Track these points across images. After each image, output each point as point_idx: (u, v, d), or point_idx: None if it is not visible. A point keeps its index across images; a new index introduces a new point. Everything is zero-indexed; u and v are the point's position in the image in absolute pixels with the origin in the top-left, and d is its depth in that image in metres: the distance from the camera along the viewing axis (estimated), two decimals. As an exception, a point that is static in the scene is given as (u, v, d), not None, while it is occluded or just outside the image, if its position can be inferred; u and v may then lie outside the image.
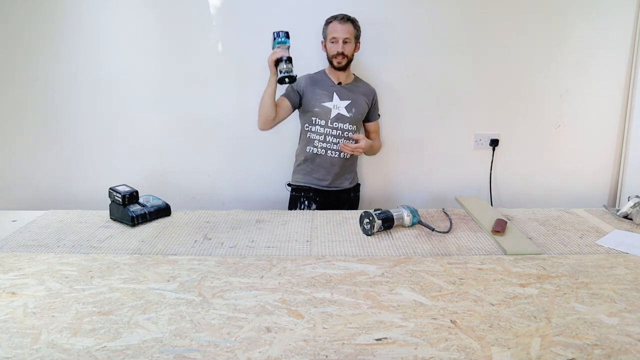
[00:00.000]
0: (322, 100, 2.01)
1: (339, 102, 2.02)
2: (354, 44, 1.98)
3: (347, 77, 2.06)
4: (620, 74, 2.30)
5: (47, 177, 2.42)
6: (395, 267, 1.25)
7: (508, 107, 2.35)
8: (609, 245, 1.40)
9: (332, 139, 2.03)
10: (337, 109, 2.01)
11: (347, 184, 2.13)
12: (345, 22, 1.94)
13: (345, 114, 2.02)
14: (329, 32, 1.96)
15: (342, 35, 1.93)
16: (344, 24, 1.94)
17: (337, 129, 2.02)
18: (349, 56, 1.97)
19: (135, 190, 1.63)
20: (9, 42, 2.23)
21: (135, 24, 2.22)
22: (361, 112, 2.07)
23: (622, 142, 2.38)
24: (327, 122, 2.02)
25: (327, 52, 2.00)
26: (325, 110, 2.01)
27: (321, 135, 2.03)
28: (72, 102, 2.32)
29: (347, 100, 2.03)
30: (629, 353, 0.90)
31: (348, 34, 1.94)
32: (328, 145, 2.03)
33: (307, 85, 2.02)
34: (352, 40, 1.96)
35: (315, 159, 2.05)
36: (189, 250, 1.38)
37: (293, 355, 0.89)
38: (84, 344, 0.93)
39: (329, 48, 1.98)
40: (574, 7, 2.20)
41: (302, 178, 2.09)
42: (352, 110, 2.03)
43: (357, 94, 2.06)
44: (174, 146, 2.38)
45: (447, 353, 0.90)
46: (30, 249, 1.39)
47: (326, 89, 2.03)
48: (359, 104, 2.05)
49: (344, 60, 1.96)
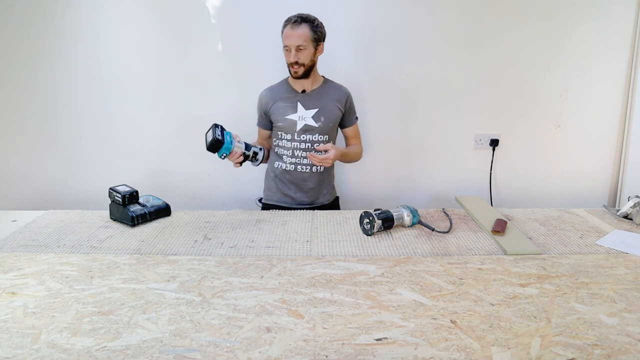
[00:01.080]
0: (286, 113, 1.83)
1: (304, 112, 1.83)
2: (312, 48, 1.75)
3: (313, 82, 1.86)
4: (620, 74, 2.30)
5: (47, 177, 2.42)
6: (395, 267, 1.25)
7: (508, 107, 2.35)
8: (609, 245, 1.40)
9: (300, 152, 1.85)
10: (303, 120, 1.82)
11: (325, 199, 1.96)
12: (298, 25, 1.71)
13: (313, 124, 1.82)
14: (283, 39, 1.75)
15: (294, 42, 1.71)
16: (297, 28, 1.71)
17: (306, 142, 1.84)
18: (306, 64, 1.76)
19: (135, 190, 1.63)
20: (9, 42, 2.23)
21: (135, 24, 2.22)
22: (332, 119, 1.86)
23: (622, 142, 2.38)
24: (294, 136, 1.84)
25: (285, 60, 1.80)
26: (290, 124, 1.83)
27: (289, 150, 1.86)
28: (72, 102, 2.32)
29: (314, 108, 1.83)
30: (629, 353, 0.90)
31: (302, 40, 1.71)
32: (297, 160, 1.86)
33: (269, 101, 1.86)
34: (308, 46, 1.74)
35: (285, 176, 1.89)
36: (189, 250, 1.38)
37: (293, 355, 0.89)
38: (84, 344, 0.93)
39: (285, 55, 1.78)
40: (574, 7, 2.20)
41: (274, 195, 1.94)
42: (321, 119, 1.83)
43: (326, 100, 1.86)
44: (174, 146, 2.38)
45: (447, 353, 0.90)
46: (30, 249, 1.39)
47: (289, 100, 1.84)
48: (329, 110, 1.85)
49: (301, 69, 1.76)
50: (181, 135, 2.36)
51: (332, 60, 2.26)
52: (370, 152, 2.41)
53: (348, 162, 2.02)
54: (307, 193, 1.90)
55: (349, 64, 2.27)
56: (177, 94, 2.31)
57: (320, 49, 1.81)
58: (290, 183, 1.90)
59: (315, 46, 1.77)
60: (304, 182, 1.89)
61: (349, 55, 2.26)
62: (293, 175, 1.88)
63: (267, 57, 2.23)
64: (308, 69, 1.78)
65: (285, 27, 1.75)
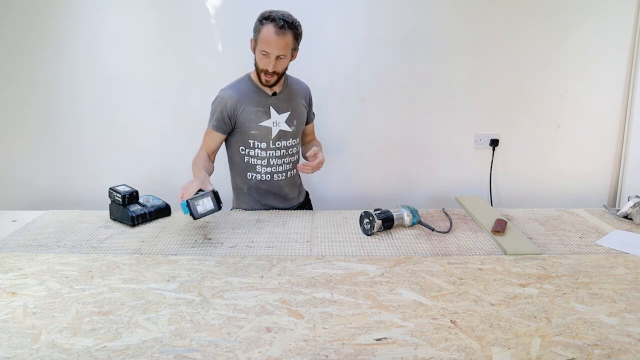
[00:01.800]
0: (259, 120, 1.65)
1: (277, 117, 1.67)
2: (289, 57, 1.60)
3: (281, 82, 1.69)
4: (620, 74, 2.30)
5: (47, 177, 2.42)
6: (395, 267, 1.25)
7: (508, 107, 2.35)
8: (609, 245, 1.40)
9: (276, 160, 1.72)
10: (277, 125, 1.67)
11: (300, 199, 1.89)
12: (284, 32, 1.51)
13: (287, 129, 1.69)
14: (261, 40, 1.53)
15: (277, 51, 1.53)
16: (282, 36, 1.51)
17: (281, 149, 1.71)
18: (280, 73, 1.60)
19: (135, 190, 1.62)
20: (9, 41, 2.23)
21: (136, 24, 2.22)
22: (302, 121, 1.75)
23: (622, 142, 2.38)
24: (269, 144, 1.69)
25: (256, 60, 1.60)
26: (265, 131, 1.67)
27: (264, 160, 1.71)
28: (72, 102, 2.32)
29: (286, 111, 1.68)
30: (629, 353, 0.89)
31: (284, 50, 1.54)
32: (273, 169, 1.73)
33: (237, 104, 1.64)
34: (288, 55, 1.57)
35: (261, 187, 1.75)
36: (189, 250, 1.38)
37: (293, 355, 0.89)
38: (84, 344, 0.93)
39: (259, 59, 1.58)
40: (574, 7, 2.21)
41: (253, 205, 1.79)
42: (294, 122, 1.71)
43: (295, 101, 1.72)
44: (174, 146, 2.38)
45: (447, 353, 0.90)
46: (30, 249, 1.39)
47: (261, 104, 1.66)
48: (299, 112, 1.72)
49: (274, 78, 1.60)
50: (181, 135, 2.36)
51: (332, 60, 2.27)
52: (370, 152, 2.42)
53: None
54: (285, 199, 1.80)
55: (349, 64, 2.27)
56: (177, 94, 2.31)
57: (295, 56, 1.64)
58: (267, 192, 1.77)
59: (292, 54, 1.61)
60: (281, 189, 1.78)
61: (349, 55, 2.26)
62: (269, 185, 1.75)
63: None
64: (280, 77, 1.63)
65: (265, 27, 1.52)
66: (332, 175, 2.42)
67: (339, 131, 2.36)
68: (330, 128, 2.31)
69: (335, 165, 2.39)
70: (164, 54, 2.26)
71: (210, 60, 2.27)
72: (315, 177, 2.27)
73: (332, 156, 2.38)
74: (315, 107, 1.90)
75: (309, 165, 1.63)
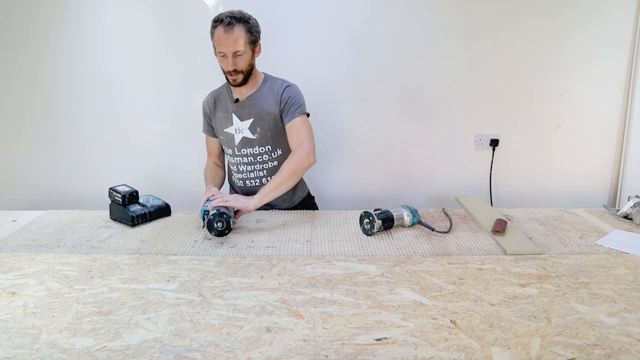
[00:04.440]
0: (224, 125, 1.69)
1: (239, 124, 1.66)
2: (249, 52, 1.56)
3: (250, 87, 1.65)
4: (620, 74, 2.30)
5: (47, 177, 2.42)
6: (395, 267, 1.25)
7: (508, 107, 2.35)
8: (609, 245, 1.40)
9: (245, 167, 1.73)
10: (240, 132, 1.66)
11: (288, 204, 1.81)
12: (232, 27, 1.49)
13: (250, 136, 1.66)
14: (215, 43, 1.54)
15: (231, 48, 1.51)
16: (231, 32, 1.49)
17: (247, 156, 1.70)
18: (244, 70, 1.57)
19: (135, 190, 1.63)
20: (9, 41, 2.23)
21: (136, 24, 2.22)
22: (268, 128, 1.66)
23: (622, 142, 2.38)
24: (234, 150, 1.71)
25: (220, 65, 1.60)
26: (229, 137, 1.69)
27: (234, 165, 1.76)
28: (72, 102, 2.32)
29: (249, 118, 1.65)
30: (629, 353, 0.90)
31: (238, 46, 1.51)
32: (243, 175, 1.75)
33: (211, 109, 1.70)
34: (246, 50, 1.54)
35: (240, 192, 1.80)
36: (189, 250, 1.38)
37: (293, 355, 0.89)
38: (84, 344, 0.93)
39: (220, 62, 1.58)
40: (574, 7, 2.20)
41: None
42: (257, 130, 1.65)
43: (261, 106, 1.65)
44: (174, 146, 2.38)
45: (447, 353, 0.90)
46: (30, 249, 1.39)
47: (226, 110, 1.68)
48: (263, 119, 1.65)
49: (240, 76, 1.57)
50: (181, 135, 2.36)
51: (332, 60, 2.27)
52: (370, 152, 2.41)
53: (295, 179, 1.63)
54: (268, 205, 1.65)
55: (349, 64, 2.27)
56: (177, 94, 2.31)
57: (258, 50, 1.62)
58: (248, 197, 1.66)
59: (253, 49, 1.58)
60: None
61: (348, 55, 2.25)
62: (245, 191, 1.77)
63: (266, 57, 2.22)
64: (247, 74, 1.59)
65: (215, 29, 1.52)
66: (332, 176, 2.42)
67: (339, 131, 2.35)
68: (329, 128, 2.31)
69: (335, 165, 2.39)
70: (164, 54, 2.26)
71: (210, 61, 2.24)
72: (316, 177, 2.28)
73: (331, 156, 2.38)
74: (315, 107, 1.89)
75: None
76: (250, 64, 1.60)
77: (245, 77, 1.60)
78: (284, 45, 2.08)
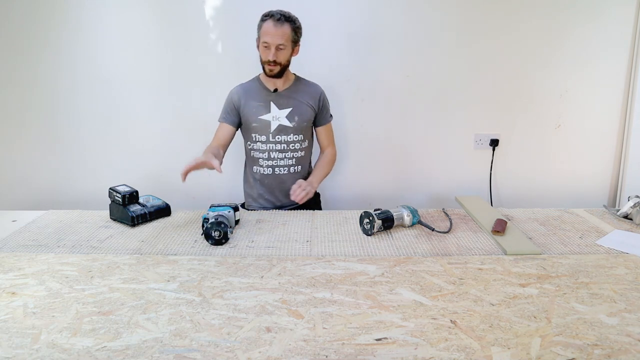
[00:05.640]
0: (259, 113, 1.78)
1: (278, 112, 1.78)
2: (290, 49, 1.72)
3: (285, 81, 1.81)
4: (620, 74, 2.30)
5: (47, 177, 2.42)
6: (395, 267, 1.25)
7: (508, 107, 2.35)
8: (609, 245, 1.40)
9: (277, 154, 1.82)
10: (277, 120, 1.78)
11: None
12: (281, 23, 1.66)
13: (287, 124, 1.79)
14: (262, 34, 1.69)
15: (276, 41, 1.66)
16: (280, 27, 1.66)
17: (281, 143, 1.81)
18: (282, 63, 1.72)
19: (135, 190, 1.63)
20: (9, 41, 2.23)
21: (136, 24, 2.22)
22: (305, 119, 1.82)
23: (622, 142, 2.38)
24: (269, 137, 1.80)
25: (260, 55, 1.74)
26: (264, 124, 1.79)
27: (264, 153, 1.82)
28: (72, 102, 2.32)
29: (288, 108, 1.79)
30: (629, 353, 0.89)
31: (283, 40, 1.67)
32: (274, 162, 1.83)
33: (242, 99, 1.79)
34: (288, 46, 1.70)
35: (264, 180, 1.85)
36: (189, 250, 1.38)
37: (293, 355, 0.89)
38: (84, 344, 0.93)
39: (261, 52, 1.72)
40: (574, 7, 2.21)
41: (253, 203, 1.90)
42: (295, 119, 1.80)
43: (299, 99, 1.81)
44: (174, 146, 2.38)
45: (447, 353, 0.90)
46: (30, 249, 1.39)
47: (262, 99, 1.79)
48: (302, 110, 1.81)
49: (277, 68, 1.72)
50: (181, 135, 2.36)
51: (332, 60, 2.27)
52: (370, 152, 2.41)
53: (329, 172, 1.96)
54: (286, 194, 1.82)
55: (349, 63, 2.27)
56: (177, 94, 2.31)
57: (296, 51, 1.78)
58: (271, 186, 1.86)
59: (293, 47, 1.74)
60: (283, 184, 1.84)
61: (348, 55, 2.26)
62: (272, 179, 1.84)
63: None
64: (283, 68, 1.74)
65: (265, 22, 1.68)
66: (332, 176, 2.41)
67: (339, 131, 2.35)
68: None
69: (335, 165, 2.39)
70: (164, 54, 2.26)
71: (210, 61, 2.27)
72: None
73: (332, 156, 2.38)
74: (315, 107, 1.90)
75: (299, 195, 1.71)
76: (288, 60, 1.75)
77: (282, 70, 1.75)
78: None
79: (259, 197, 1.89)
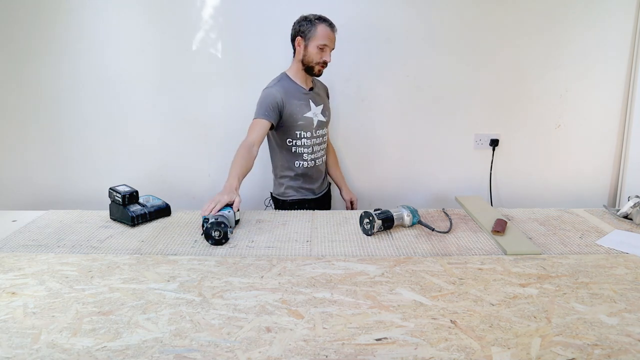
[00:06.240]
0: (303, 111, 1.87)
1: (315, 109, 1.91)
2: None
3: (311, 79, 1.95)
4: (620, 74, 2.30)
5: (47, 177, 2.42)
6: (395, 267, 1.25)
7: (508, 107, 2.35)
8: (609, 245, 1.40)
9: (318, 147, 1.96)
10: (316, 116, 1.91)
11: (326, 183, 2.13)
12: (332, 28, 1.83)
13: (323, 119, 1.94)
14: (318, 36, 1.79)
15: (332, 44, 1.83)
16: (334, 32, 1.83)
17: (320, 137, 1.96)
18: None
19: (135, 190, 1.63)
20: (10, 41, 2.23)
21: (136, 25, 2.22)
22: (330, 112, 2.04)
23: (622, 142, 2.38)
24: (313, 133, 1.91)
25: (308, 55, 1.82)
26: (309, 121, 1.89)
27: (309, 148, 1.92)
28: (72, 102, 2.32)
29: (321, 104, 1.94)
30: (629, 353, 0.90)
31: (334, 44, 1.85)
32: (315, 155, 1.96)
33: (284, 98, 1.83)
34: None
35: (307, 173, 1.96)
36: (189, 250, 1.38)
37: (293, 355, 0.89)
38: (84, 344, 0.93)
39: (314, 54, 1.81)
40: (574, 8, 2.20)
41: (296, 193, 1.98)
42: (326, 114, 1.98)
43: (322, 95, 2.01)
44: (174, 146, 2.38)
45: (447, 353, 0.90)
46: (30, 249, 1.39)
47: (301, 97, 1.88)
48: (327, 104, 2.01)
49: (324, 68, 1.87)
50: (181, 135, 2.36)
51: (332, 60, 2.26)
52: (370, 152, 2.41)
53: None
54: (323, 183, 2.06)
55: (349, 64, 2.27)
56: (177, 94, 2.31)
57: None
58: (312, 178, 1.99)
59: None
60: (320, 173, 2.03)
61: (348, 55, 2.25)
62: (313, 171, 1.98)
63: (266, 57, 2.23)
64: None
65: (320, 25, 1.79)
66: (332, 175, 2.42)
67: (339, 131, 2.36)
68: (329, 128, 2.30)
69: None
70: (164, 55, 2.26)
71: (209, 61, 2.27)
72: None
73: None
74: (316, 107, 1.91)
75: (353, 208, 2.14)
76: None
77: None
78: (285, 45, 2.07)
79: (300, 188, 1.98)
